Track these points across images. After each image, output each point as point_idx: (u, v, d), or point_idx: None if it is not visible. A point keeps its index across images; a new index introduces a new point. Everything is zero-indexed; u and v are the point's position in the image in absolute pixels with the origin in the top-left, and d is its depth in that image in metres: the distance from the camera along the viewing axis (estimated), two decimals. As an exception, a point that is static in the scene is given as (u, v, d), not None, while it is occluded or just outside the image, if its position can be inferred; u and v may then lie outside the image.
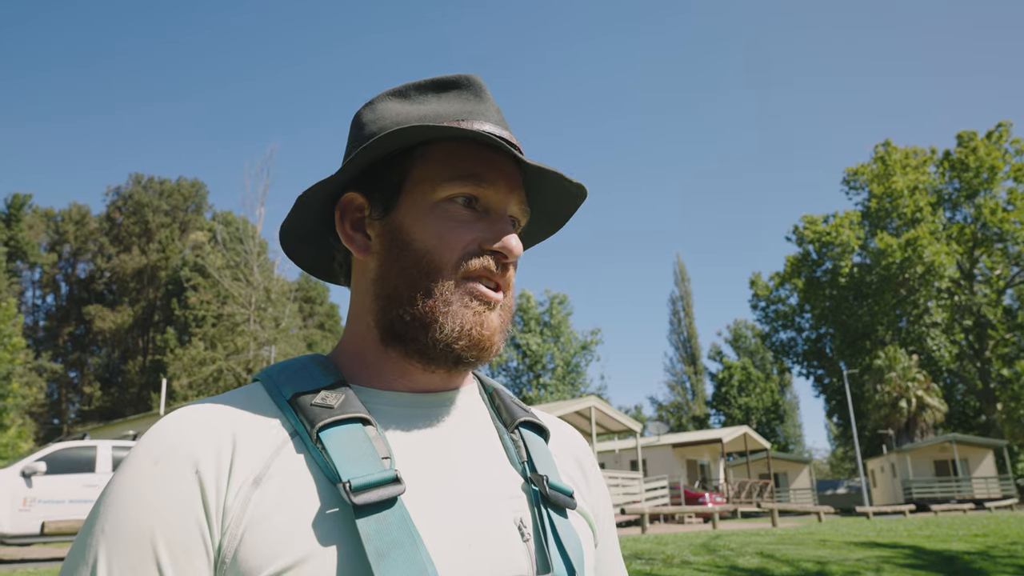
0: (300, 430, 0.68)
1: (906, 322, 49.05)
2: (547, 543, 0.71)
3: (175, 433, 0.66)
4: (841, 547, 10.56)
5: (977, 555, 9.46)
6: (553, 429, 0.89)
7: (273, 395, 0.72)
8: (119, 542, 0.61)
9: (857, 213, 52.18)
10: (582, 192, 0.82)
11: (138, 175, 62.86)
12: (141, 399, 54.02)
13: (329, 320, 60.47)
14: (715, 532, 14.11)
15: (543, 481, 0.75)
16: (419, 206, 0.75)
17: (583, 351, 53.85)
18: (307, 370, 0.75)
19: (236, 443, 0.66)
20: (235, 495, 0.63)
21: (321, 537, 0.62)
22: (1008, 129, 49.81)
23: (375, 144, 0.72)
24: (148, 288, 60.58)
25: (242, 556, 0.61)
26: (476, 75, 0.81)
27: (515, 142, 0.80)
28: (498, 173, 0.76)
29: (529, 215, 0.83)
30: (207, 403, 0.70)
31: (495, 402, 0.85)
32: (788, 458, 45.92)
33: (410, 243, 0.74)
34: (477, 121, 0.78)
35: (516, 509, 0.73)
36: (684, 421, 70.10)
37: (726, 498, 30.73)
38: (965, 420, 51.93)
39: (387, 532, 0.61)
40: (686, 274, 75.49)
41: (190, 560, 0.61)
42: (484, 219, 0.75)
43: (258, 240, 46.49)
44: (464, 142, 0.76)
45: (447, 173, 0.75)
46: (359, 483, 0.62)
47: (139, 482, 0.63)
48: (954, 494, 36.99)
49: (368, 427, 0.69)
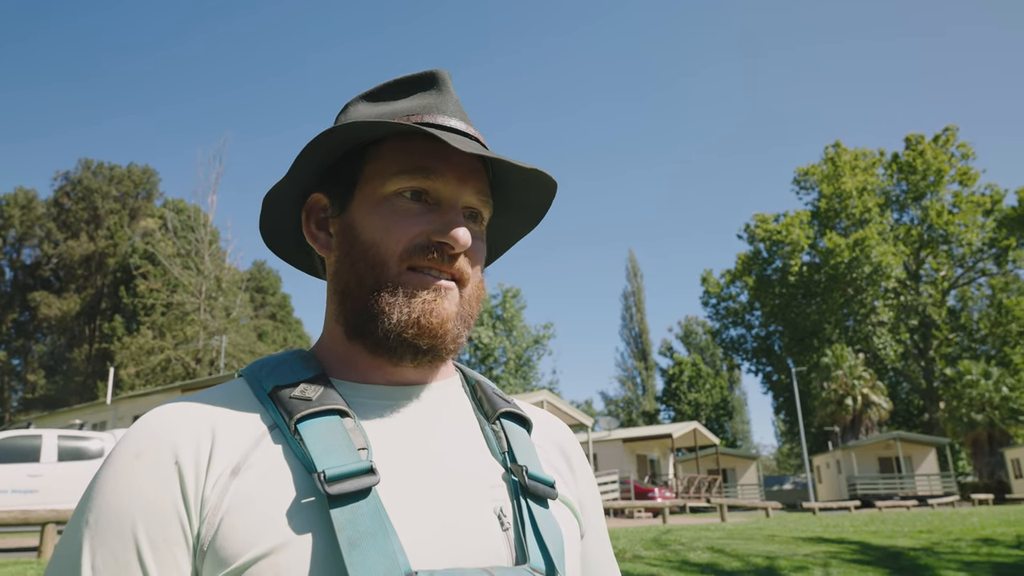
0: (279, 422, 0.70)
1: (853, 321, 50.14)
2: (525, 533, 0.72)
3: (156, 427, 0.68)
4: (789, 542, 10.70)
5: (922, 551, 9.66)
6: (538, 420, 0.88)
7: (255, 389, 0.74)
8: (102, 532, 0.63)
9: (807, 213, 53.14)
10: (546, 179, 0.81)
11: (87, 160, 61.00)
12: (87, 388, 52.61)
13: (281, 311, 59.54)
14: (665, 527, 14.21)
15: (522, 471, 0.75)
16: (369, 201, 0.76)
17: (535, 345, 53.95)
18: (288, 364, 0.76)
19: (215, 435, 0.67)
20: (213, 485, 0.64)
21: (296, 526, 0.63)
22: (954, 133, 51.20)
23: (317, 142, 0.74)
24: (96, 275, 58.91)
25: (219, 543, 0.62)
26: (441, 70, 0.82)
27: (472, 133, 0.81)
28: (447, 165, 0.76)
29: (492, 207, 0.83)
30: (189, 399, 0.72)
31: (477, 394, 0.85)
32: (736, 454, 46.63)
33: (359, 237, 0.76)
34: (432, 115, 0.79)
35: (496, 499, 0.73)
36: (634, 416, 70.75)
37: (675, 493, 31.04)
38: (909, 418, 53.34)
39: (359, 522, 0.62)
40: (639, 270, 76.26)
41: (169, 548, 0.63)
42: (434, 211, 0.76)
43: (210, 228, 45.58)
44: (414, 137, 0.77)
45: (395, 168, 0.76)
46: (333, 473, 0.63)
47: (121, 475, 0.65)
48: (897, 491, 37.96)
49: (346, 419, 0.70)
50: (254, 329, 49.53)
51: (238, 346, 41.78)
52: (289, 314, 60.16)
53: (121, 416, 22.39)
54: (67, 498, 10.67)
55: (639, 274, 75.68)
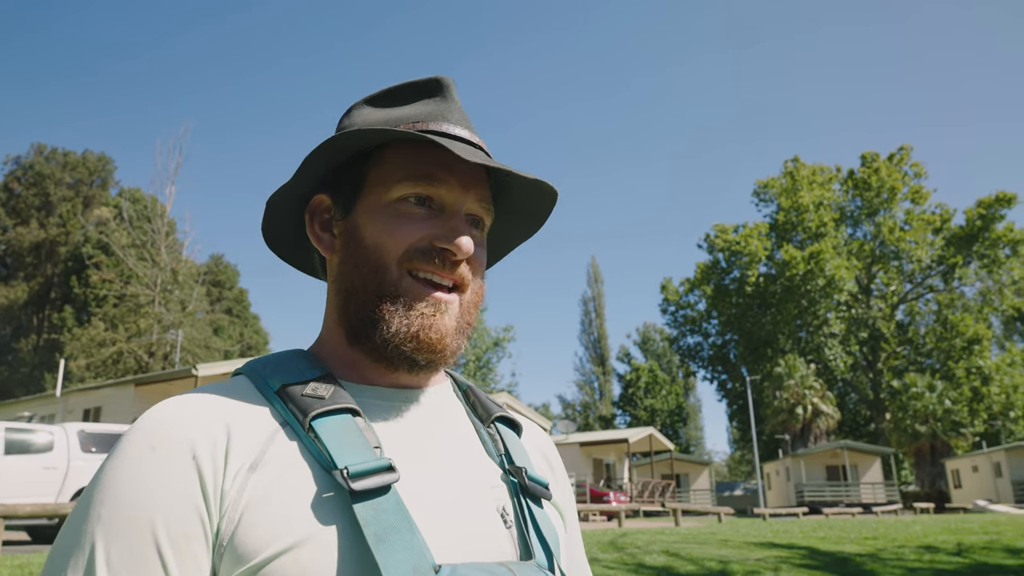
0: (290, 419, 0.70)
1: (806, 332, 51.19)
2: (528, 530, 0.75)
3: (169, 421, 0.67)
4: (742, 547, 10.95)
5: (868, 557, 9.97)
6: (523, 426, 0.92)
7: (260, 387, 0.74)
8: (117, 526, 0.61)
9: (766, 225, 54.16)
10: (548, 189, 0.83)
11: (40, 145, 59.22)
12: (33, 379, 51.11)
13: (238, 305, 58.51)
14: (621, 530, 14.40)
15: (522, 473, 0.78)
16: (374, 206, 0.78)
17: (495, 347, 54.00)
18: (293, 363, 0.76)
19: (230, 431, 0.67)
20: (232, 480, 0.64)
21: (320, 520, 0.63)
22: (908, 152, 52.70)
23: (323, 148, 0.76)
24: (46, 264, 57.34)
25: (240, 539, 0.62)
26: (446, 77, 0.84)
27: (476, 141, 0.82)
28: (451, 172, 0.77)
29: (494, 214, 0.85)
30: (196, 393, 0.72)
31: (470, 399, 0.88)
32: (690, 460, 47.33)
33: (363, 240, 0.77)
34: (436, 122, 0.80)
35: (498, 498, 0.76)
36: (591, 420, 71.20)
37: (630, 497, 31.39)
38: (856, 428, 54.59)
39: (384, 518, 0.63)
40: (600, 276, 76.86)
41: (189, 544, 0.62)
42: (438, 217, 0.77)
43: (167, 219, 44.78)
44: (419, 143, 0.78)
45: (400, 174, 0.77)
46: (356, 469, 0.64)
47: (137, 468, 0.64)
48: (843, 498, 38.91)
49: (358, 418, 0.71)
50: (210, 323, 48.73)
51: (193, 340, 41.16)
52: (246, 309, 59.14)
53: (71, 409, 21.94)
54: (15, 492, 10.43)
55: (600, 280, 76.35)
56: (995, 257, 48.96)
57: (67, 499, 11.00)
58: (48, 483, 11.04)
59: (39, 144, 59.12)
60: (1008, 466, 36.06)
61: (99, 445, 11.77)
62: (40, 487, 10.91)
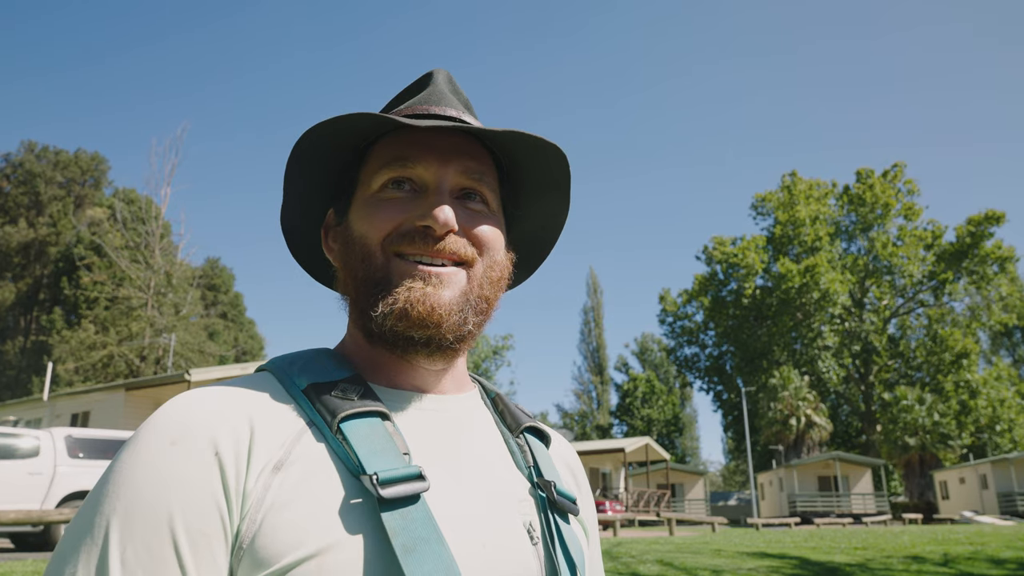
0: (317, 420, 0.68)
1: (801, 344, 51.43)
2: (555, 548, 0.72)
3: (191, 414, 0.64)
4: (735, 556, 10.92)
5: (857, 567, 9.94)
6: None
7: (286, 385, 0.71)
8: (133, 521, 0.58)
9: (763, 238, 54.46)
10: (541, 143, 0.78)
11: (31, 143, 58.43)
12: (20, 382, 50.58)
13: (233, 309, 58.17)
14: (616, 539, 14.37)
15: (551, 487, 0.76)
16: (360, 202, 0.78)
17: (494, 356, 53.94)
18: (320, 362, 0.74)
19: (254, 428, 0.64)
20: (255, 480, 0.62)
21: (346, 527, 0.61)
22: (902, 170, 53.13)
23: (291, 160, 0.78)
24: (35, 264, 56.88)
25: (261, 542, 0.59)
26: (438, 69, 0.85)
27: (452, 115, 0.80)
28: (426, 150, 0.76)
29: (499, 182, 0.82)
30: (218, 387, 0.69)
31: (498, 407, 0.86)
32: (685, 469, 47.27)
33: (351, 236, 0.77)
34: (412, 108, 0.80)
35: (525, 512, 0.74)
36: (588, 430, 71.12)
37: (626, 507, 31.32)
38: (848, 439, 54.75)
39: (413, 528, 0.61)
40: (599, 286, 77.03)
41: (208, 543, 0.59)
42: (419, 197, 0.76)
43: (162, 221, 44.54)
44: (398, 133, 0.78)
45: (377, 164, 0.77)
46: (386, 476, 0.62)
47: (156, 461, 0.61)
48: (834, 508, 39.03)
49: (387, 422, 0.69)
50: (204, 328, 48.34)
51: (187, 344, 40.86)
52: (242, 313, 58.76)
53: (59, 413, 21.59)
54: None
55: (599, 290, 76.50)
56: (984, 273, 49.52)
57: (52, 506, 10.80)
58: (33, 489, 10.84)
59: (30, 141, 58.11)
60: (993, 478, 36.34)
61: (87, 451, 11.60)
62: (25, 493, 10.71)
